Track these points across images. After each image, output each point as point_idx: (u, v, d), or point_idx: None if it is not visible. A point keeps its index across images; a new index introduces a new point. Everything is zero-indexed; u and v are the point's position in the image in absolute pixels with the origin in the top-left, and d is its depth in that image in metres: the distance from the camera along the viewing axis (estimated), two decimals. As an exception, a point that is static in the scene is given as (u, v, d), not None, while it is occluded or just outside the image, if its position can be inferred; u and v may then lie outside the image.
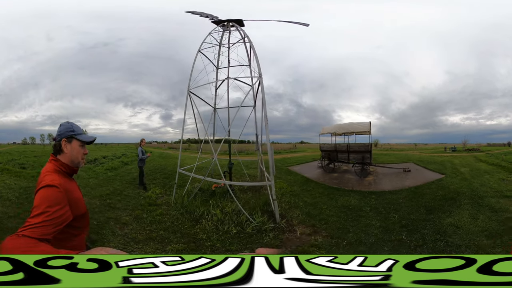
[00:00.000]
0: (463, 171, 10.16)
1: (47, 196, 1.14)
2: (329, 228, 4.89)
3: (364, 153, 10.26)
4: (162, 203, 6.58)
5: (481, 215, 5.23)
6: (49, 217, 1.05)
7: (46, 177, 1.25)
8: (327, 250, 3.95)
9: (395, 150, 17.05)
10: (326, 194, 7.35)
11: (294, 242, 4.33)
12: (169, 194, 7.28)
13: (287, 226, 4.97)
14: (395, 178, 9.53)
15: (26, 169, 10.13)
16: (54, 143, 1.48)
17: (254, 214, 5.22)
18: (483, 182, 7.99)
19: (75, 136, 1.48)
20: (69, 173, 1.45)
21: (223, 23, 7.24)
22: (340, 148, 11.51)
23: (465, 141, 15.75)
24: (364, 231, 4.61)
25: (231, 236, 4.56)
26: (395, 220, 5.13)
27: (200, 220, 5.27)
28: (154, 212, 5.82)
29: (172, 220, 5.40)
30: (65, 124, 1.51)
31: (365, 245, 4.10)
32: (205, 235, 4.60)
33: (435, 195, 6.83)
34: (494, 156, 13.26)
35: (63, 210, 1.15)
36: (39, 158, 13.80)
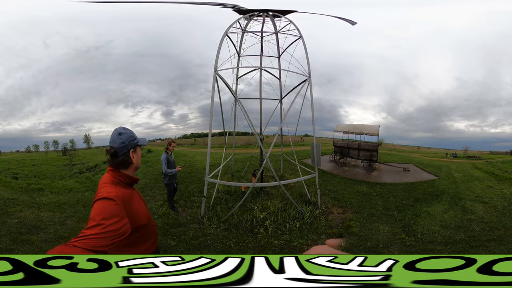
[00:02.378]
0: (455, 175, 10.89)
1: (103, 209, 1.10)
2: (353, 207, 6.48)
3: (372, 151, 11.50)
4: (186, 221, 5.34)
5: (451, 211, 6.37)
6: (105, 230, 1.01)
7: (103, 189, 1.20)
8: (359, 221, 5.53)
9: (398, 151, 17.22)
10: (343, 183, 8.80)
11: (337, 219, 5.67)
12: (189, 206, 6.22)
13: (327, 209, 6.08)
14: (396, 174, 11.04)
15: (17, 179, 9.40)
16: (121, 158, 1.30)
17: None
18: (469, 187, 8.77)
19: (138, 143, 1.37)
20: (129, 184, 1.34)
21: (262, 13, 6.55)
22: (352, 145, 12.67)
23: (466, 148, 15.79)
24: (373, 208, 6.48)
25: (298, 230, 4.93)
26: (392, 203, 6.99)
27: (256, 228, 4.87)
28: (184, 235, 4.69)
29: (217, 240, 4.54)
30: (126, 132, 1.34)
31: (376, 216, 5.97)
32: (280, 241, 4.48)
33: (425, 190, 8.20)
34: (491, 164, 13.45)
35: (121, 223, 1.09)
36: (37, 167, 12.80)
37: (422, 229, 5.30)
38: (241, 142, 9.76)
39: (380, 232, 5.16)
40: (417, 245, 4.69)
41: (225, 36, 5.95)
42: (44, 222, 5.58)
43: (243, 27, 6.93)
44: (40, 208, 6.42)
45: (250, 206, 5.67)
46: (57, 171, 11.63)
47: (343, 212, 6.10)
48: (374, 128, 12.36)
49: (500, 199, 7.32)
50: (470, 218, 5.96)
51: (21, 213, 6.02)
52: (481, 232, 5.22)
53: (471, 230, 5.37)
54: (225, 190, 6.63)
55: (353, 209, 6.35)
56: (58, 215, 5.99)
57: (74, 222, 5.61)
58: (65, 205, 6.69)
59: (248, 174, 8.69)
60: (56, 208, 6.49)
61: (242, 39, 7.15)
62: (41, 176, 10.50)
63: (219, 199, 6.12)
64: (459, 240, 4.89)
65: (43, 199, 7.21)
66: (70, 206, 6.65)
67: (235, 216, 5.20)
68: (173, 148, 5.55)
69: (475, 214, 6.24)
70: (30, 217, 5.79)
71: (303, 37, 6.11)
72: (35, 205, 6.63)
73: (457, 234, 5.17)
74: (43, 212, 6.13)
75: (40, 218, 5.77)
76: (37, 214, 5.98)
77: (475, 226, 5.57)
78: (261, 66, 6.99)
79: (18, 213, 6.02)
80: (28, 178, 9.79)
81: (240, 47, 7.29)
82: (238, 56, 7.34)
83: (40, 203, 6.78)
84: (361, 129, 12.78)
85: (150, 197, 7.01)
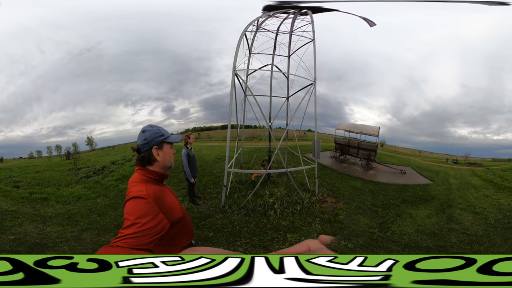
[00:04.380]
0: (452, 182, 10.77)
1: (135, 208, 1.10)
2: (345, 198, 7.03)
3: (371, 151, 11.92)
4: (210, 212, 5.62)
5: (434, 218, 6.24)
6: (141, 228, 1.00)
7: (133, 188, 1.20)
8: (346, 212, 6.00)
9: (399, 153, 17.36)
10: (340, 178, 9.46)
11: (329, 207, 6.35)
12: (208, 198, 6.54)
13: (322, 198, 6.79)
14: (391, 175, 11.34)
15: (19, 188, 8.68)
16: (142, 154, 1.30)
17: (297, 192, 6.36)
18: (463, 195, 8.51)
19: (166, 140, 1.35)
20: (159, 180, 1.34)
21: (294, 9, 6.56)
22: (352, 143, 13.09)
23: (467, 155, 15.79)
24: (362, 202, 6.95)
25: (298, 213, 5.63)
26: (380, 200, 7.34)
27: (267, 212, 5.65)
28: (215, 225, 5.07)
29: (242, 224, 5.17)
30: (151, 129, 1.33)
31: (362, 209, 6.40)
32: (287, 222, 5.29)
33: (415, 194, 8.29)
34: (491, 171, 13.30)
35: (156, 220, 1.09)
36: (40, 173, 11.92)
37: (396, 229, 5.40)
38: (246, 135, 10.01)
39: (359, 224, 5.57)
40: (380, 241, 4.92)
41: (243, 35, 6.09)
42: (52, 238, 4.82)
43: (258, 25, 7.00)
44: (45, 221, 5.64)
45: (260, 193, 6.32)
46: (62, 177, 11.22)
47: (336, 202, 6.82)
48: (374, 129, 12.90)
49: (495, 210, 6.85)
50: (452, 227, 5.68)
51: (21, 228, 5.26)
52: (455, 244, 4.96)
53: (445, 240, 5.10)
54: (237, 180, 7.17)
55: (344, 200, 6.93)
56: (70, 229, 5.22)
57: (94, 236, 4.90)
58: (76, 216, 5.91)
59: (255, 165, 9.39)
60: (65, 220, 5.68)
61: (254, 37, 7.21)
62: (45, 183, 9.87)
63: (234, 188, 6.68)
64: (422, 247, 4.78)
65: (48, 210, 6.35)
66: (83, 217, 5.88)
67: (250, 202, 5.88)
68: (192, 141, 5.27)
69: (460, 224, 5.90)
70: (32, 233, 5.04)
71: (315, 41, 6.15)
72: (39, 218, 5.81)
73: (426, 240, 5.03)
74: (49, 227, 5.34)
75: (46, 234, 5.01)
76: (41, 229, 5.21)
77: (453, 236, 5.24)
78: (273, 64, 7.30)
79: (17, 227, 5.25)
80: (31, 187, 8.85)
81: (251, 45, 7.40)
82: (249, 53, 7.46)
83: (45, 216, 5.98)
84: (362, 129, 13.34)
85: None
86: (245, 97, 7.61)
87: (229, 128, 5.93)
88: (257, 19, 6.47)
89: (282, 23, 7.04)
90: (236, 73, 5.86)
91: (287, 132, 8.00)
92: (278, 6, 6.57)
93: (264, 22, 6.97)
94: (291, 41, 7.38)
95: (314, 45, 6.13)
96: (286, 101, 8.23)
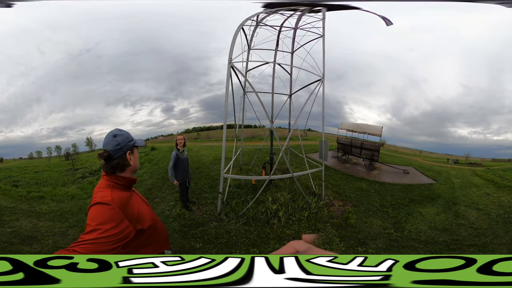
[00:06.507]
0: (454, 181, 11.31)
1: (98, 214, 1.07)
2: (352, 201, 6.89)
3: (374, 151, 11.77)
4: (204, 220, 5.27)
5: (443, 215, 6.57)
6: (102, 235, 0.99)
7: (98, 194, 1.17)
8: (356, 215, 5.88)
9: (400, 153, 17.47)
10: (344, 179, 9.33)
11: (337, 211, 6.14)
12: (203, 204, 6.22)
13: (329, 201, 6.46)
14: (395, 175, 11.21)
15: (18, 187, 8.53)
16: (116, 161, 1.24)
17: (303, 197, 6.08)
18: (466, 193, 8.85)
19: (135, 144, 1.32)
20: (127, 186, 1.28)
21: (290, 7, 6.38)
22: (355, 143, 12.86)
23: (468, 155, 15.79)
24: (370, 204, 6.85)
25: (306, 219, 5.37)
26: (388, 201, 7.27)
27: (270, 219, 5.24)
28: (206, 235, 4.65)
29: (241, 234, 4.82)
30: (122, 134, 1.29)
31: (371, 211, 6.32)
32: (292, 231, 5.04)
33: (421, 193, 8.46)
34: (492, 171, 13.59)
35: (119, 228, 1.06)
36: (39, 174, 13.02)
37: (411, 227, 5.54)
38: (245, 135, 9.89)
39: (373, 226, 5.55)
40: (400, 241, 5.01)
41: (240, 29, 5.64)
42: (42, 232, 5.34)
43: (258, 20, 6.79)
44: (39, 217, 6.20)
45: (261, 199, 5.83)
46: (59, 177, 11.38)
47: (343, 205, 6.65)
48: (377, 129, 12.67)
49: (496, 206, 7.41)
50: (460, 223, 6.14)
51: (17, 222, 5.80)
52: (466, 237, 5.41)
53: (457, 234, 5.55)
54: (235, 184, 6.61)
55: (352, 203, 6.88)
56: (59, 224, 5.71)
57: (77, 233, 5.36)
58: (67, 214, 6.38)
59: (256, 167, 8.69)
60: (57, 217, 6.23)
61: (254, 32, 6.95)
62: (43, 183, 10.17)
63: (232, 194, 6.14)
64: (440, 242, 5.11)
65: (43, 207, 6.90)
66: (73, 215, 6.35)
67: (251, 209, 5.38)
68: (180, 142, 5.06)
69: (466, 219, 6.42)
70: (26, 227, 5.57)
71: (324, 37, 5.97)
72: (34, 214, 6.38)
73: (441, 236, 5.39)
74: (42, 222, 5.90)
75: (38, 228, 5.55)
76: (35, 224, 5.76)
77: (463, 230, 5.72)
78: (275, 61, 6.96)
79: (14, 222, 5.79)
80: (29, 186, 9.40)
81: (251, 40, 7.11)
82: (248, 49, 7.12)
83: (40, 212, 6.54)
84: (365, 128, 13.54)
85: (160, 199, 6.70)
86: (244, 94, 7.09)
87: (224, 127, 5.12)
88: (257, 15, 6.26)
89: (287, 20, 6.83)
90: (232, 65, 5.25)
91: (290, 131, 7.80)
92: (283, 3, 6.35)
93: (265, 18, 6.77)
94: (295, 37, 7.23)
95: (324, 41, 6.02)
96: (289, 99, 7.99)
